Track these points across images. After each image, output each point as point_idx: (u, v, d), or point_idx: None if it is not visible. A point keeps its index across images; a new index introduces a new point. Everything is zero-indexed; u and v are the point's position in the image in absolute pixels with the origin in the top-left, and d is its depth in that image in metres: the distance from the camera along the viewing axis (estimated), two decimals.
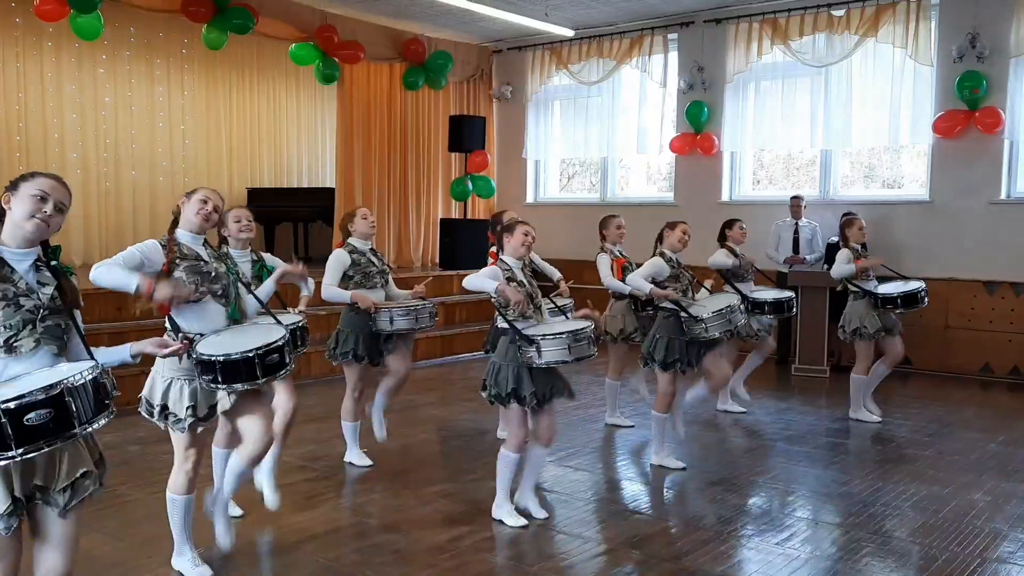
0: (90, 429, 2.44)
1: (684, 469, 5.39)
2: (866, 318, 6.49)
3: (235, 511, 4.42)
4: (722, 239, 6.75)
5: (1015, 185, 8.65)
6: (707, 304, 5.29)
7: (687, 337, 5.21)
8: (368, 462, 5.44)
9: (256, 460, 3.69)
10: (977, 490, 5.04)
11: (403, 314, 5.12)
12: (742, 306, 5.34)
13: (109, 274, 3.23)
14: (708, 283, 6.01)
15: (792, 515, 4.66)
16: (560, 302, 5.26)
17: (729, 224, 6.78)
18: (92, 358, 2.63)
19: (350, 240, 5.22)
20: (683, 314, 5.18)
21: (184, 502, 3.64)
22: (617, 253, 6.26)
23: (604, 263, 6.15)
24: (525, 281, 4.37)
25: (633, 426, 6.48)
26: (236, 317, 3.60)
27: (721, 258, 6.61)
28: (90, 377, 2.45)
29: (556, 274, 6.11)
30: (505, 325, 4.25)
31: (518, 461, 4.37)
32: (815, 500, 4.96)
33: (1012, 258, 8.45)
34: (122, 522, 4.39)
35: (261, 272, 4.52)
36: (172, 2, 8.56)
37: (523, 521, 4.37)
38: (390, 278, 5.39)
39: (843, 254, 6.56)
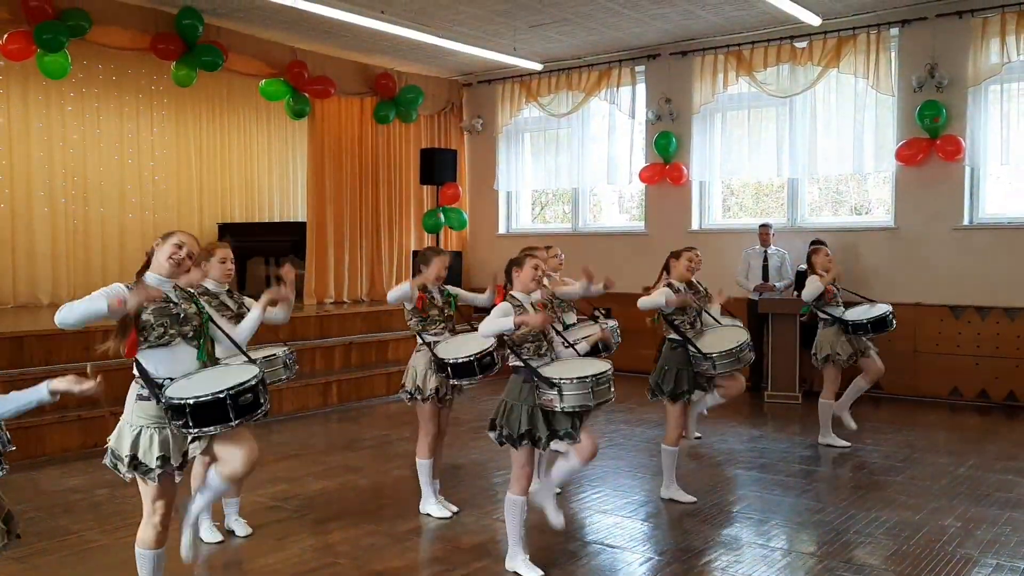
0: None
1: (695, 503, 5.33)
2: (837, 344, 6.63)
3: (214, 536, 4.60)
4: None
5: (976, 211, 8.82)
6: (716, 341, 5.14)
7: (695, 369, 5.15)
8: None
9: (233, 479, 3.59)
10: (948, 515, 5.08)
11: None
12: (750, 343, 5.22)
13: (72, 311, 3.20)
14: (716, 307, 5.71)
15: (767, 545, 4.66)
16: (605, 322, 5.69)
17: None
18: None
19: (204, 283, 4.65)
20: (691, 349, 5.12)
21: (153, 556, 3.49)
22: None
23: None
24: None
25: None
26: (204, 359, 3.52)
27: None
28: None
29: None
30: (518, 363, 4.10)
31: (525, 504, 4.16)
32: (789, 529, 4.97)
33: (976, 283, 8.59)
34: (89, 568, 4.30)
35: (451, 301, 4.59)
36: (141, 41, 8.52)
37: (539, 572, 4.15)
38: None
39: (812, 280, 6.69)
